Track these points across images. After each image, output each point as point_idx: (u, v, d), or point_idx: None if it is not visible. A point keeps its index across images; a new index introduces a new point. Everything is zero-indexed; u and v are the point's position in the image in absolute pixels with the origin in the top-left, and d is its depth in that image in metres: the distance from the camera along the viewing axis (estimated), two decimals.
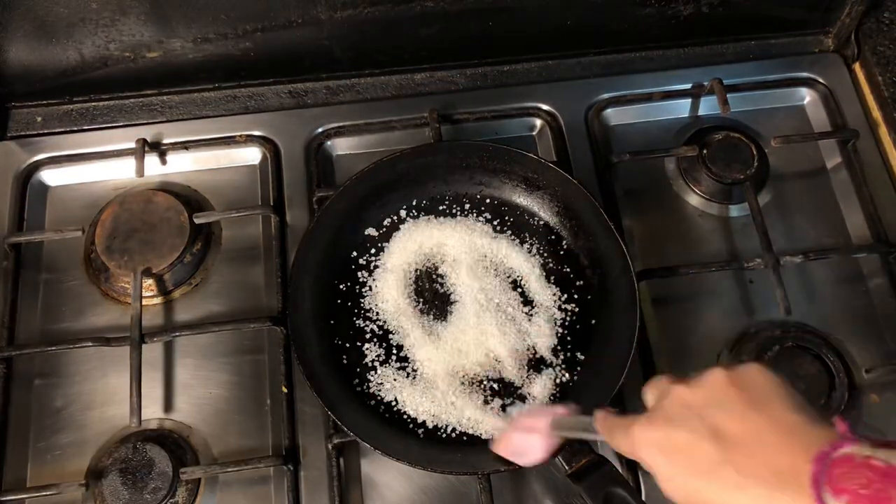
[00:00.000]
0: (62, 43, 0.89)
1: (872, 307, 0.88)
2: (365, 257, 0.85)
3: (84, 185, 0.93)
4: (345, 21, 0.91)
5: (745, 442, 0.48)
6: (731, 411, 0.49)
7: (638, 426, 0.53)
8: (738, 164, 0.91)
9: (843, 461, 0.44)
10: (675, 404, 0.52)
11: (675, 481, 0.50)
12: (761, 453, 0.47)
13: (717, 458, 0.48)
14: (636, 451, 0.54)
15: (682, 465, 0.50)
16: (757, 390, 0.50)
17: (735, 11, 0.98)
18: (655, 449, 0.52)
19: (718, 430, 0.49)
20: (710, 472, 0.48)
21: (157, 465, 0.75)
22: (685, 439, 0.50)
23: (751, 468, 0.47)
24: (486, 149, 0.86)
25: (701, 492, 0.49)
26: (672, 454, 0.50)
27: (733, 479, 0.47)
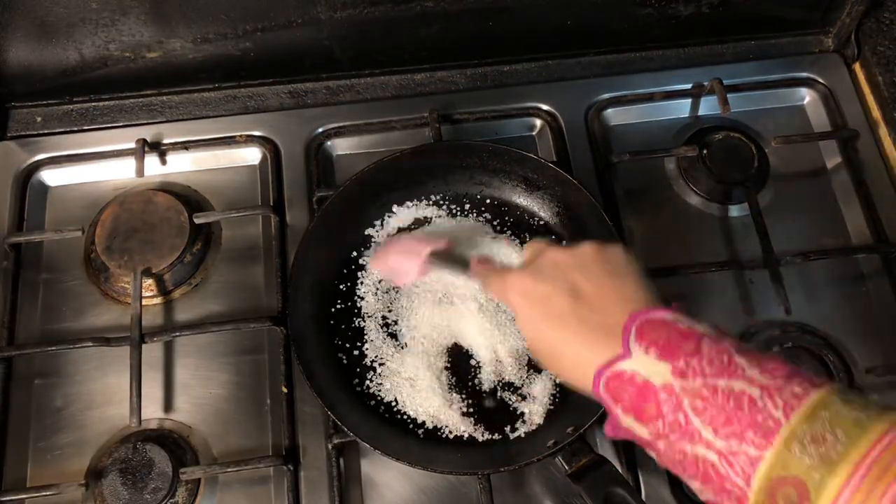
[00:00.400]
0: (62, 43, 0.89)
1: (872, 307, 0.88)
2: (365, 257, 0.85)
3: (84, 185, 0.93)
4: (345, 21, 0.91)
5: (592, 300, 0.58)
6: (589, 275, 0.59)
7: (512, 274, 0.63)
8: (738, 164, 0.91)
9: (654, 322, 0.55)
10: (547, 262, 0.62)
11: (531, 321, 0.60)
12: (601, 310, 0.57)
13: (567, 308, 0.58)
14: (506, 294, 0.63)
15: (539, 310, 0.59)
16: (617, 265, 0.61)
17: (735, 11, 0.98)
18: (521, 295, 0.61)
19: (575, 287, 0.59)
20: (558, 318, 0.58)
21: (157, 465, 0.75)
22: (547, 290, 0.60)
23: (589, 319, 0.57)
24: (486, 149, 0.86)
25: (547, 332, 0.59)
26: (533, 300, 0.60)
27: (574, 326, 0.57)
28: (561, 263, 0.61)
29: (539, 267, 0.62)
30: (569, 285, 0.59)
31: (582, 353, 0.56)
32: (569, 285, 0.59)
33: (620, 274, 0.60)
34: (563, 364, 0.59)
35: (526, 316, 0.61)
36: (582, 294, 0.58)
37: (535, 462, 0.71)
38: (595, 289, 0.58)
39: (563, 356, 0.58)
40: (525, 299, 0.61)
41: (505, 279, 0.63)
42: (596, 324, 0.56)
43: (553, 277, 0.60)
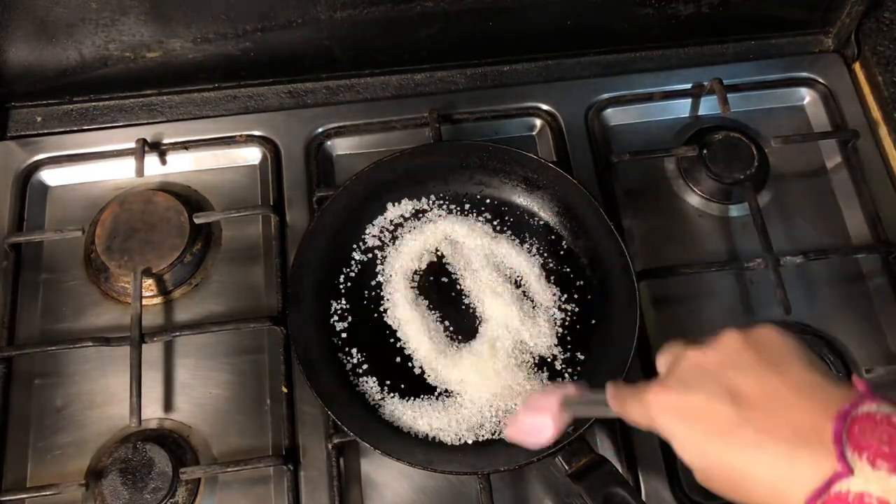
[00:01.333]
0: (62, 43, 0.89)
1: (872, 307, 0.88)
2: (365, 257, 0.85)
3: (84, 185, 0.93)
4: (345, 21, 0.91)
5: (763, 402, 0.47)
6: (747, 372, 0.49)
7: (652, 392, 0.52)
8: (738, 164, 0.91)
9: (863, 419, 0.44)
10: (690, 368, 0.52)
11: (692, 445, 0.50)
12: (780, 412, 0.46)
13: (735, 418, 0.47)
14: (652, 418, 0.52)
15: (700, 427, 0.49)
16: (772, 351, 0.50)
17: (735, 11, 0.98)
18: (671, 414, 0.51)
19: (735, 391, 0.48)
20: (728, 432, 0.47)
21: (157, 465, 0.75)
22: (702, 402, 0.49)
23: (770, 427, 0.46)
24: (486, 149, 0.86)
25: (720, 454, 0.48)
26: (689, 417, 0.50)
27: (753, 438, 0.46)
28: (706, 365, 0.51)
29: (681, 375, 0.52)
30: (725, 389, 0.49)
31: (777, 474, 0.45)
32: (725, 389, 0.49)
33: (784, 362, 0.49)
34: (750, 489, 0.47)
35: (685, 439, 0.50)
36: (746, 398, 0.48)
37: (535, 462, 0.71)
38: (760, 387, 0.48)
39: (748, 479, 0.47)
40: (676, 418, 0.50)
41: (644, 400, 0.53)
42: (782, 432, 0.46)
43: (702, 383, 0.50)
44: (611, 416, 0.60)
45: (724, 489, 0.49)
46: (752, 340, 0.51)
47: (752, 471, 0.46)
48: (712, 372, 0.50)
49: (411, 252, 0.85)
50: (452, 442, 0.76)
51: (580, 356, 0.80)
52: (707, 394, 0.49)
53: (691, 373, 0.51)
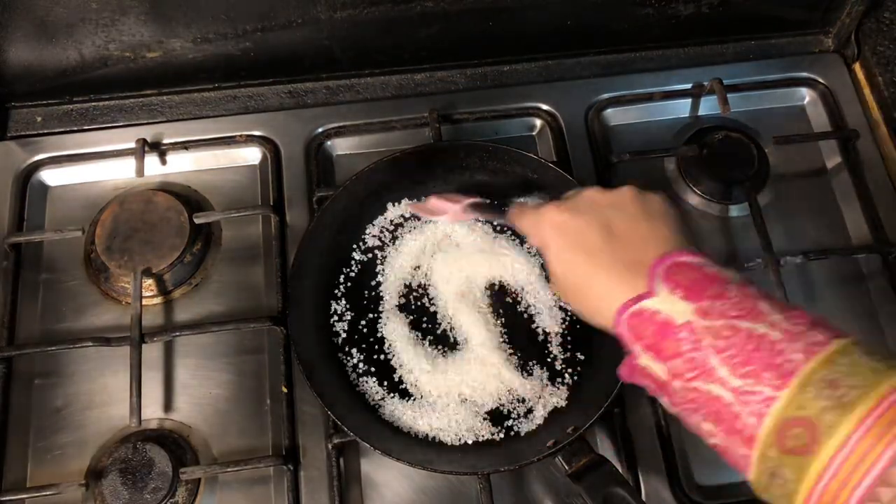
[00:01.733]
0: (62, 43, 0.89)
1: (872, 307, 0.88)
2: (365, 257, 0.85)
3: (84, 185, 0.93)
4: (345, 21, 0.91)
5: (625, 239, 0.59)
6: (625, 215, 0.60)
7: (547, 209, 0.63)
8: (738, 164, 0.91)
9: (684, 264, 0.55)
10: (584, 199, 0.63)
11: (561, 255, 0.61)
12: (632, 249, 0.58)
13: (598, 244, 0.59)
14: (538, 227, 0.64)
15: (572, 244, 0.60)
16: (654, 208, 0.62)
17: (735, 11, 0.98)
18: (555, 228, 0.62)
19: (610, 225, 0.60)
20: (589, 252, 0.59)
21: (157, 465, 0.75)
22: (581, 225, 0.61)
23: (619, 257, 0.58)
24: (486, 149, 0.86)
25: (578, 267, 0.60)
26: (566, 234, 0.61)
27: (603, 262, 0.58)
28: (598, 201, 0.62)
29: (575, 203, 0.63)
30: (603, 222, 0.60)
31: (607, 289, 0.57)
32: (603, 222, 0.60)
33: (656, 217, 0.61)
34: (587, 299, 0.60)
35: (557, 248, 0.61)
36: (615, 232, 0.59)
37: (535, 462, 0.71)
38: (629, 228, 0.59)
39: (588, 291, 0.59)
40: (558, 232, 0.62)
41: (539, 213, 0.64)
42: (625, 262, 0.57)
43: (588, 213, 0.61)
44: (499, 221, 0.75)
45: (571, 298, 0.62)
46: (641, 195, 0.62)
47: (591, 284, 0.59)
48: (599, 207, 0.61)
49: (411, 252, 0.85)
50: (452, 442, 0.76)
51: (580, 356, 0.80)
52: (587, 221, 0.61)
53: (583, 203, 0.63)
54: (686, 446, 0.80)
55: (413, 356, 0.79)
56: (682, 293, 0.53)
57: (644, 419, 0.80)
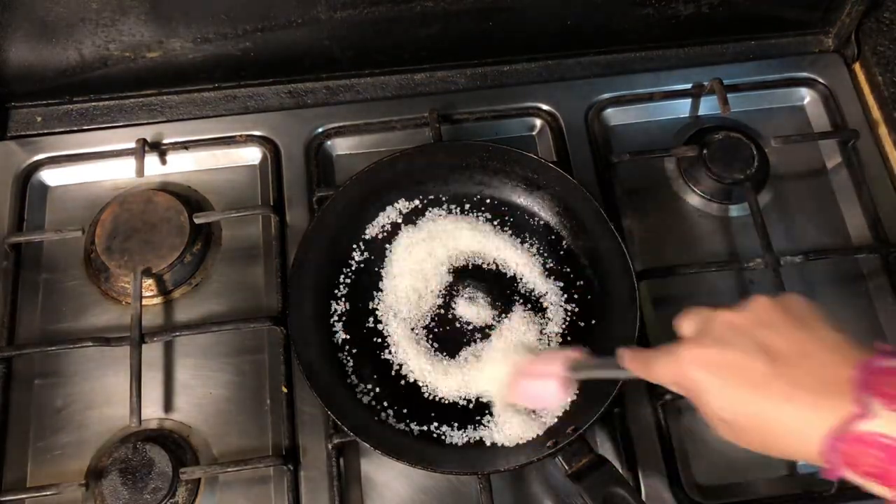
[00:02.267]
0: (62, 43, 0.89)
1: (872, 307, 0.88)
2: (365, 257, 0.85)
3: (84, 185, 0.93)
4: (345, 21, 0.91)
5: (794, 357, 0.51)
6: (778, 331, 0.52)
7: (685, 348, 0.55)
8: (738, 164, 0.91)
9: (885, 370, 0.47)
10: (723, 327, 0.54)
11: (724, 398, 0.52)
12: (808, 366, 0.50)
13: (767, 372, 0.50)
14: (685, 372, 0.54)
15: (734, 380, 0.52)
16: (800, 313, 0.54)
17: (735, 11, 0.98)
18: (705, 368, 0.53)
19: (768, 347, 0.51)
20: (761, 385, 0.50)
21: (157, 465, 0.75)
22: (736, 356, 0.52)
23: (799, 380, 0.49)
24: (486, 149, 0.86)
25: (752, 405, 0.51)
26: (723, 371, 0.52)
27: (783, 390, 0.50)
28: (739, 324, 0.54)
29: (714, 333, 0.54)
30: (760, 346, 0.52)
31: (801, 421, 0.49)
32: (760, 346, 0.52)
33: (810, 324, 0.53)
34: (775, 437, 0.51)
35: (717, 392, 0.52)
36: (778, 353, 0.51)
37: (535, 462, 0.71)
38: (790, 344, 0.51)
39: (774, 428, 0.50)
40: (711, 371, 0.53)
41: (678, 356, 0.55)
42: (810, 383, 0.49)
43: (736, 340, 0.53)
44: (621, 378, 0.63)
45: (749, 439, 0.52)
46: (780, 304, 0.54)
47: (780, 420, 0.49)
48: (746, 330, 0.53)
49: (411, 252, 0.85)
50: (452, 442, 0.76)
51: None
52: (742, 350, 0.52)
53: (724, 331, 0.54)
54: (686, 446, 0.80)
55: (413, 356, 0.79)
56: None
57: (644, 419, 0.80)
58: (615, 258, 0.80)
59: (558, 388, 0.68)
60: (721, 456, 0.80)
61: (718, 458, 0.80)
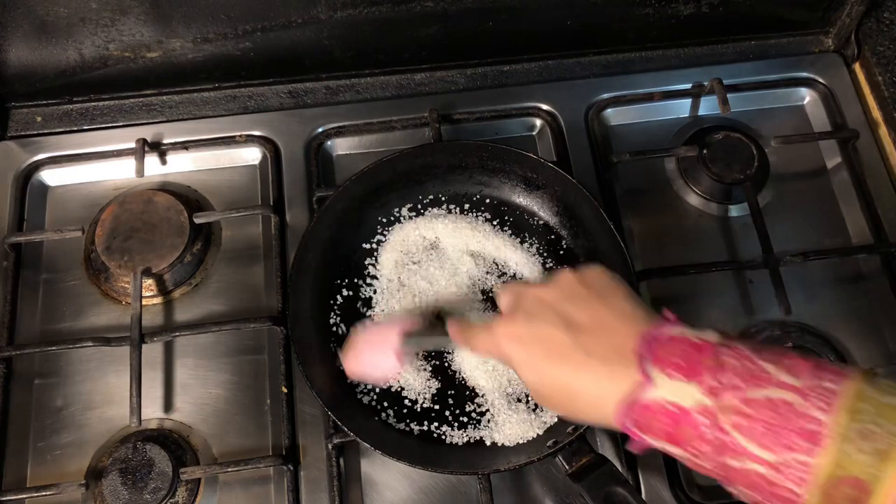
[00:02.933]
0: (62, 43, 0.89)
1: (872, 307, 0.88)
2: (365, 257, 0.85)
3: (84, 185, 0.93)
4: (345, 21, 0.91)
5: (591, 328, 0.55)
6: (580, 304, 0.57)
7: (500, 324, 0.59)
8: (738, 164, 0.91)
9: (664, 339, 0.53)
10: (533, 302, 0.59)
11: (532, 367, 0.57)
12: (603, 336, 0.55)
13: (569, 343, 0.55)
14: (499, 346, 0.59)
15: (540, 352, 0.56)
16: (601, 286, 0.59)
17: (735, 11, 0.98)
18: (517, 342, 0.58)
19: (570, 320, 0.56)
20: (562, 355, 0.55)
21: (157, 465, 0.75)
22: (543, 330, 0.57)
23: (594, 349, 0.54)
24: (486, 149, 0.86)
25: (555, 374, 0.56)
26: (531, 344, 0.57)
27: (580, 359, 0.54)
28: (546, 299, 0.58)
29: (524, 309, 0.59)
30: (562, 319, 0.56)
31: (597, 388, 0.53)
32: (562, 319, 0.56)
33: (609, 295, 0.58)
34: (576, 403, 0.56)
35: (525, 361, 0.57)
36: (578, 325, 0.56)
37: (535, 462, 0.71)
38: (589, 316, 0.56)
39: (575, 394, 0.55)
40: (520, 344, 0.58)
41: (492, 331, 0.60)
42: (603, 353, 0.54)
43: (543, 315, 0.57)
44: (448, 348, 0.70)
45: (556, 404, 0.58)
46: (583, 278, 0.59)
47: (579, 387, 0.54)
48: (551, 304, 0.58)
49: (411, 252, 0.85)
50: (453, 442, 0.76)
51: None
52: (547, 323, 0.57)
53: (534, 306, 0.58)
54: None
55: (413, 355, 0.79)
56: (680, 375, 0.50)
57: None
58: (615, 258, 0.80)
59: (395, 358, 0.70)
60: None
61: None
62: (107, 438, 0.80)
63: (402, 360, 0.71)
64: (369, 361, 0.72)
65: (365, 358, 0.72)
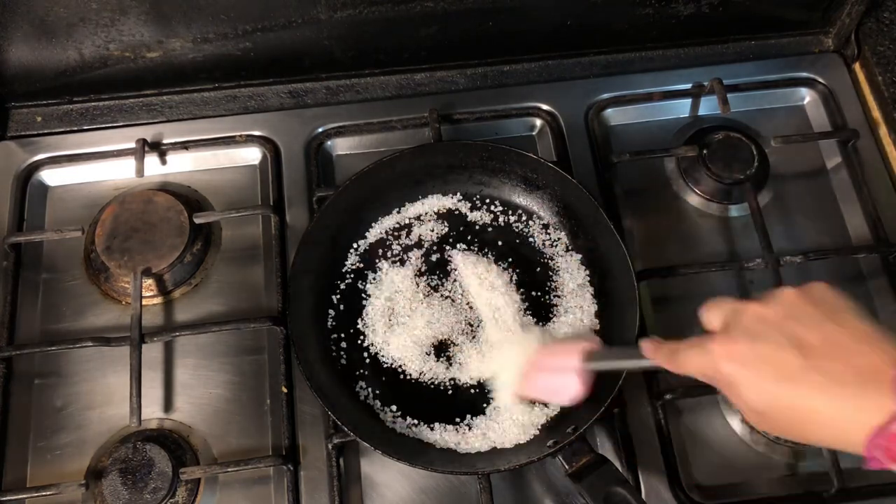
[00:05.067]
0: (62, 43, 0.89)
1: (872, 307, 0.88)
2: (364, 257, 0.85)
3: (84, 185, 0.93)
4: (345, 21, 0.91)
5: (827, 349, 0.51)
6: (808, 323, 0.53)
7: (717, 342, 0.55)
8: (738, 164, 0.91)
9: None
10: (752, 320, 0.55)
11: (758, 390, 0.53)
12: (843, 359, 0.50)
13: (801, 364, 0.51)
14: (717, 367, 0.55)
15: (768, 374, 0.52)
16: (828, 304, 0.54)
17: (735, 11, 0.98)
18: (738, 362, 0.54)
19: (800, 340, 0.52)
20: (795, 377, 0.51)
21: (157, 465, 0.75)
22: (769, 350, 0.52)
23: (834, 372, 0.50)
24: (486, 149, 0.86)
25: (786, 397, 0.52)
26: (756, 365, 0.53)
27: (818, 382, 0.50)
28: (769, 318, 0.54)
29: (745, 327, 0.55)
30: (791, 339, 0.52)
31: (841, 412, 0.50)
32: (791, 339, 0.52)
33: (838, 314, 0.53)
34: (811, 427, 0.52)
35: (750, 385, 0.53)
36: (810, 346, 0.52)
37: (535, 462, 0.71)
38: (821, 336, 0.52)
39: (811, 418, 0.51)
40: (743, 366, 0.53)
41: (707, 350, 0.56)
42: (846, 375, 0.50)
43: (768, 335, 0.53)
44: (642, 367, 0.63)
45: (784, 428, 0.54)
46: (807, 295, 0.55)
47: (817, 411, 0.50)
48: (776, 324, 0.53)
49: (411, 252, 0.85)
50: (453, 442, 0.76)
51: None
52: (774, 343, 0.52)
53: (755, 325, 0.54)
54: (686, 446, 0.80)
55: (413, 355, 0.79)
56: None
57: (644, 419, 0.80)
58: (615, 258, 0.80)
59: (575, 381, 0.68)
60: (721, 456, 0.80)
61: (718, 458, 0.80)
62: (107, 438, 0.80)
63: (586, 382, 0.69)
64: (550, 384, 0.70)
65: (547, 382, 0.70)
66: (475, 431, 0.76)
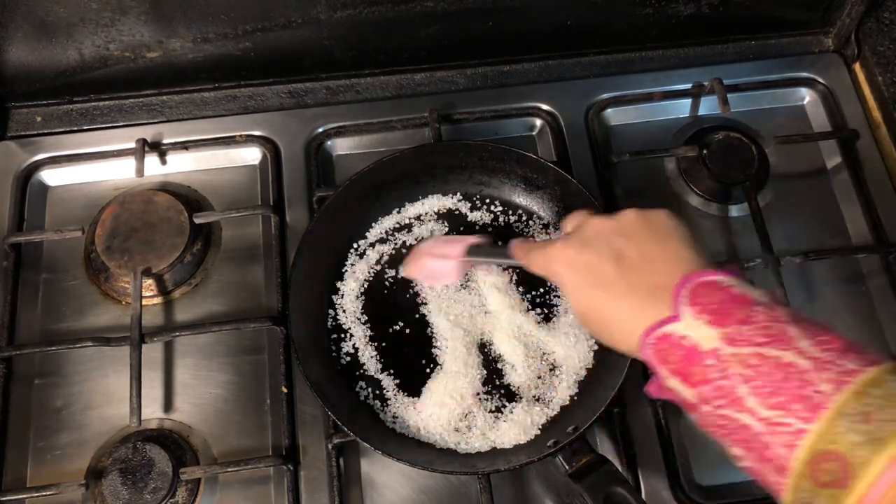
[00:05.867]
0: (62, 43, 0.89)
1: (872, 307, 0.88)
2: (364, 257, 0.85)
3: (84, 185, 0.93)
4: (345, 21, 0.91)
5: (639, 264, 0.58)
6: (633, 240, 0.60)
7: (556, 247, 0.63)
8: (738, 164, 0.91)
9: (707, 284, 0.54)
10: (590, 231, 0.62)
11: (578, 292, 0.61)
12: (647, 274, 0.57)
13: (613, 274, 0.58)
14: (550, 266, 0.64)
15: (586, 278, 0.60)
16: (660, 227, 0.60)
17: (735, 11, 0.98)
18: (566, 265, 0.62)
19: (620, 253, 0.59)
20: (604, 284, 0.58)
21: (157, 465, 0.75)
22: (592, 259, 0.60)
23: (636, 283, 0.57)
24: (486, 149, 0.86)
25: (594, 299, 0.59)
26: (579, 270, 0.61)
27: (620, 291, 0.57)
28: (604, 231, 0.61)
29: (582, 236, 0.62)
30: (613, 252, 0.59)
31: (630, 317, 0.56)
32: (613, 252, 0.59)
33: (665, 237, 0.60)
34: (610, 330, 0.59)
35: (573, 285, 0.61)
36: (627, 259, 0.58)
37: (535, 462, 0.71)
38: (640, 253, 0.58)
39: (611, 322, 0.58)
40: (571, 269, 0.61)
41: (548, 252, 0.64)
42: (644, 288, 0.56)
43: (597, 245, 0.60)
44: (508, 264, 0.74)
45: (593, 329, 0.62)
46: (646, 217, 0.61)
47: (613, 315, 0.58)
48: (607, 237, 0.61)
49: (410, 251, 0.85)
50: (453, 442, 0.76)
51: None
52: (598, 253, 0.60)
53: (590, 235, 0.62)
54: (686, 446, 0.80)
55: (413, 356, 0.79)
56: (707, 317, 0.52)
57: (644, 419, 0.80)
58: None
59: (453, 269, 0.76)
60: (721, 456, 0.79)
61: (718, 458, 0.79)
62: (107, 438, 0.80)
63: (461, 271, 0.77)
64: (430, 266, 0.77)
65: (427, 263, 0.77)
66: (475, 431, 0.76)
